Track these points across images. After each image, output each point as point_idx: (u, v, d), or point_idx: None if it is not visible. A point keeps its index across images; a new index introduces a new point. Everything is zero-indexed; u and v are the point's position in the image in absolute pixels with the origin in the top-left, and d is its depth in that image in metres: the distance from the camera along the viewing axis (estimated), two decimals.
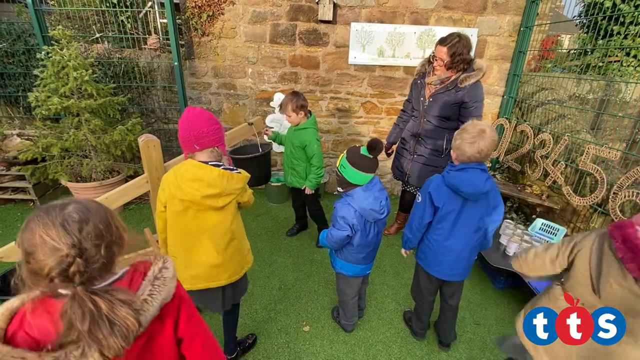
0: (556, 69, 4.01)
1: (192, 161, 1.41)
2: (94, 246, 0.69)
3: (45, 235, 0.65)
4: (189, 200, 1.40)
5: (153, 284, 0.78)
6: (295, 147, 2.54)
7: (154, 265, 0.82)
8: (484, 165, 1.57)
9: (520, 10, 3.19)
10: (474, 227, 1.65)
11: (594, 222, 2.39)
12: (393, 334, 2.08)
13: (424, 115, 2.45)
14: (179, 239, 1.51)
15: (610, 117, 2.85)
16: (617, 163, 2.38)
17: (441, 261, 1.72)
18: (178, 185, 1.39)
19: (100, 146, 2.90)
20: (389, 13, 3.24)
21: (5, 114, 3.70)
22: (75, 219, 0.69)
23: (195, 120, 1.38)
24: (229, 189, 1.42)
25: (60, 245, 0.65)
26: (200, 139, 1.38)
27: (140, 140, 2.04)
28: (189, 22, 3.29)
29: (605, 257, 1.09)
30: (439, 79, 2.31)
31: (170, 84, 3.52)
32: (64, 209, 0.70)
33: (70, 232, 0.67)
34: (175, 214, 1.45)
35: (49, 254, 0.65)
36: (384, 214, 1.70)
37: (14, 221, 3.08)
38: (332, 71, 3.47)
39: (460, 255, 1.69)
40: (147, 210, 3.30)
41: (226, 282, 1.56)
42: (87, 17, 3.76)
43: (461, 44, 2.16)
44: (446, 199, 1.62)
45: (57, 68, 2.68)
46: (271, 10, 3.25)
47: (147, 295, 0.75)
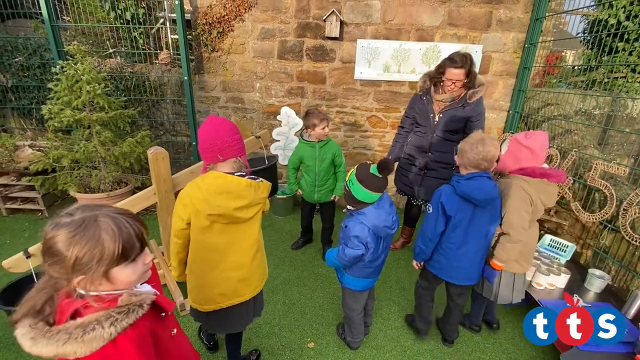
0: (561, 84, 4.03)
1: (215, 173, 1.35)
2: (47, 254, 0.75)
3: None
4: (218, 214, 1.33)
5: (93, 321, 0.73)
6: (327, 163, 2.56)
7: (119, 304, 0.78)
8: (489, 173, 1.69)
9: (524, 27, 3.23)
10: (484, 232, 1.75)
11: (604, 238, 2.35)
12: (400, 352, 2.03)
13: (434, 130, 2.47)
14: (205, 257, 1.43)
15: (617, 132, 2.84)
16: (626, 179, 2.36)
17: (456, 267, 1.81)
18: (205, 200, 1.32)
19: (110, 158, 2.94)
20: (394, 30, 3.31)
21: (18, 125, 3.79)
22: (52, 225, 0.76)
23: (218, 130, 1.32)
24: (257, 198, 1.40)
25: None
26: (224, 149, 1.32)
27: (150, 152, 2.07)
28: (200, 38, 3.39)
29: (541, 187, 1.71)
30: (451, 97, 2.36)
31: (180, 97, 3.59)
32: (63, 218, 0.77)
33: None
34: (200, 230, 1.37)
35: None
36: (394, 228, 1.70)
37: (22, 231, 3.11)
38: (338, 86, 3.52)
39: (473, 261, 1.80)
40: (153, 222, 3.31)
41: (250, 296, 1.52)
42: (101, 33, 3.89)
43: (471, 63, 2.25)
44: (458, 208, 1.70)
45: (71, 82, 2.76)
46: (279, 28, 3.33)
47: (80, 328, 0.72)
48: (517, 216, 1.71)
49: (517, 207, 1.71)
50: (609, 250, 2.30)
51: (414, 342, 2.11)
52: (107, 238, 0.74)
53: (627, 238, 2.11)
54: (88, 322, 0.73)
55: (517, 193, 1.71)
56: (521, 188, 1.71)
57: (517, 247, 1.75)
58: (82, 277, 0.74)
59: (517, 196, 1.71)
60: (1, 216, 3.35)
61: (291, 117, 3.63)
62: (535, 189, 1.71)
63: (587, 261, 2.52)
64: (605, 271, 2.29)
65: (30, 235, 3.04)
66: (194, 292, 1.50)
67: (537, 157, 1.70)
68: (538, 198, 1.73)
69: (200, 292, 1.49)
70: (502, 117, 3.57)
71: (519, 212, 1.71)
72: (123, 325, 0.75)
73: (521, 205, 1.71)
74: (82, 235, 0.73)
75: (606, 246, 2.33)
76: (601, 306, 2.07)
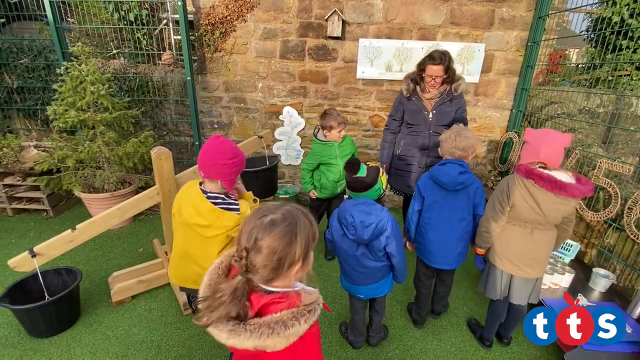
0: (565, 82, 4.01)
1: (197, 186, 1.49)
2: (260, 257, 0.79)
3: (246, 225, 0.81)
4: (185, 220, 1.50)
5: (292, 320, 0.77)
6: (348, 158, 2.53)
7: (303, 303, 0.83)
8: (463, 162, 1.83)
9: (527, 25, 3.22)
10: (458, 217, 1.88)
11: (609, 237, 2.34)
12: (402, 351, 2.03)
13: (430, 127, 2.51)
14: (179, 243, 1.66)
15: (622, 131, 2.81)
16: (631, 177, 2.34)
17: (431, 250, 1.96)
18: (180, 202, 1.51)
19: (114, 158, 2.96)
20: (396, 29, 3.30)
21: (23, 126, 3.83)
22: (265, 225, 0.79)
23: (208, 150, 1.44)
24: (219, 225, 1.47)
25: (243, 241, 0.79)
26: (205, 167, 1.44)
27: (153, 152, 2.09)
28: (202, 38, 3.40)
29: (533, 191, 1.59)
30: (439, 92, 2.45)
31: (183, 97, 3.61)
32: (276, 212, 0.82)
33: (263, 232, 0.78)
34: (179, 224, 1.60)
35: (239, 241, 0.81)
36: (355, 235, 1.55)
37: (27, 231, 3.14)
38: (341, 85, 3.52)
39: (447, 245, 1.92)
40: (157, 222, 3.33)
41: None
42: (105, 35, 3.92)
43: (449, 59, 2.34)
44: (430, 190, 1.91)
45: (75, 83, 2.78)
46: (281, 27, 3.34)
47: (280, 324, 0.76)
48: (489, 204, 1.80)
49: (492, 197, 1.77)
50: (613, 249, 2.29)
51: (417, 341, 2.10)
52: (309, 232, 0.83)
53: (632, 237, 2.09)
54: (287, 319, 0.77)
55: (500, 185, 1.76)
56: (506, 182, 1.72)
57: (488, 237, 1.79)
58: (298, 267, 0.82)
59: (498, 187, 1.76)
60: (7, 216, 3.38)
61: (293, 117, 3.65)
62: (530, 193, 1.61)
63: (592, 260, 2.50)
64: (610, 270, 2.28)
65: (36, 235, 3.07)
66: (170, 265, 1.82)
67: (536, 153, 1.60)
68: (524, 201, 1.63)
69: (171, 268, 1.78)
70: (505, 115, 3.55)
71: (492, 201, 1.77)
72: (310, 322, 0.79)
73: (496, 195, 1.74)
74: (298, 230, 0.80)
75: (611, 245, 2.31)
76: (606, 305, 2.06)
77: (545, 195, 1.57)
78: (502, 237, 1.79)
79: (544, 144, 1.58)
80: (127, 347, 1.96)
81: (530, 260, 1.75)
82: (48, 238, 1.95)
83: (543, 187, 1.55)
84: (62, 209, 3.52)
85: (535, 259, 1.75)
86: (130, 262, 2.68)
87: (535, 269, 1.76)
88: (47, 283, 2.03)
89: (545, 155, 1.59)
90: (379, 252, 1.64)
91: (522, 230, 1.73)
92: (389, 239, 1.60)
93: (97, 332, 2.06)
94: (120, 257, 2.81)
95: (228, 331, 0.75)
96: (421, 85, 2.49)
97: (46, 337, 2.00)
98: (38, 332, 1.99)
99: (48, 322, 1.97)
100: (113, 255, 2.83)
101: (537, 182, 1.57)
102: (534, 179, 1.57)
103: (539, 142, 1.60)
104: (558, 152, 1.59)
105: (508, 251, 1.77)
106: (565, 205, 1.58)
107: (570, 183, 1.53)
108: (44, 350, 1.92)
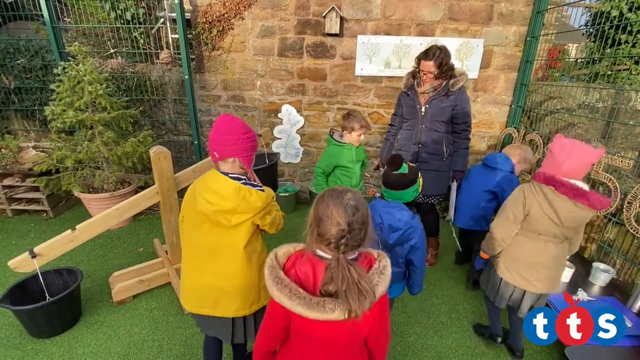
0: (564, 77, 4.00)
1: (213, 171, 1.33)
2: (358, 228, 0.91)
3: (335, 212, 0.89)
4: (203, 213, 1.30)
5: (379, 275, 0.93)
6: (361, 163, 2.48)
7: (379, 261, 0.98)
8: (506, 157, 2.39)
9: (526, 20, 3.21)
10: (475, 191, 2.43)
11: (609, 232, 2.34)
12: (404, 347, 2.03)
13: (422, 122, 2.52)
14: (192, 255, 1.41)
15: (621, 125, 2.81)
16: (630, 172, 2.34)
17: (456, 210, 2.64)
18: (194, 195, 1.32)
19: (112, 158, 2.96)
20: (395, 25, 3.29)
21: (21, 126, 3.82)
22: (352, 205, 0.91)
23: (219, 127, 1.29)
24: (245, 206, 1.27)
25: (341, 222, 0.88)
26: (219, 146, 1.28)
27: (152, 151, 2.08)
28: (200, 37, 3.39)
29: (552, 198, 1.55)
30: (432, 87, 2.46)
31: (181, 96, 3.60)
32: (345, 195, 0.92)
33: (348, 214, 0.89)
34: (192, 227, 1.36)
35: (333, 226, 0.89)
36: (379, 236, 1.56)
37: (27, 232, 3.14)
38: (339, 83, 3.51)
39: (463, 210, 2.54)
40: (157, 221, 3.33)
41: (233, 315, 1.40)
42: (102, 34, 3.90)
43: (444, 54, 2.34)
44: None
45: (72, 82, 2.77)
46: (279, 25, 3.33)
47: (375, 282, 0.92)
48: (501, 212, 1.76)
49: (505, 204, 1.73)
50: (613, 243, 2.29)
51: (418, 337, 2.11)
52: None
53: (631, 231, 2.10)
54: (375, 269, 0.96)
55: (514, 193, 1.72)
56: (522, 190, 1.67)
57: (495, 244, 1.76)
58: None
59: (512, 195, 1.73)
60: (7, 217, 3.38)
61: (292, 115, 3.64)
62: (549, 200, 1.56)
63: (592, 255, 2.51)
64: (610, 265, 2.28)
65: (36, 236, 3.07)
66: (181, 288, 1.50)
67: (557, 168, 1.53)
68: (541, 210, 1.59)
69: (183, 291, 1.47)
70: (505, 111, 3.55)
71: (504, 209, 1.74)
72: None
73: (510, 203, 1.71)
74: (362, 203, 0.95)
75: (611, 239, 2.32)
76: (606, 300, 2.07)
77: (564, 203, 1.52)
78: (514, 249, 1.73)
79: (569, 160, 1.49)
80: (128, 346, 1.97)
81: (542, 274, 1.67)
82: (48, 239, 1.94)
83: (565, 194, 1.49)
84: (62, 210, 3.52)
85: (547, 273, 1.68)
86: (130, 261, 2.69)
87: (547, 284, 1.70)
88: (47, 283, 2.03)
89: (567, 172, 1.51)
90: (400, 259, 1.57)
91: (535, 243, 1.67)
92: (414, 248, 1.53)
93: (99, 332, 2.07)
94: (121, 256, 2.81)
95: (376, 283, 0.91)
96: (417, 79, 2.51)
97: (48, 337, 2.00)
98: (39, 333, 1.99)
99: (49, 323, 1.97)
100: (114, 255, 2.84)
101: (559, 189, 1.51)
102: (555, 186, 1.52)
103: (565, 158, 1.50)
104: (583, 166, 1.51)
105: (518, 265, 1.71)
106: (582, 215, 1.53)
107: (592, 192, 1.48)
108: (46, 351, 1.92)
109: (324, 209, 0.91)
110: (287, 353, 1.04)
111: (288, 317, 0.94)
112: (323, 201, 0.93)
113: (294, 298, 0.88)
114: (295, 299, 0.87)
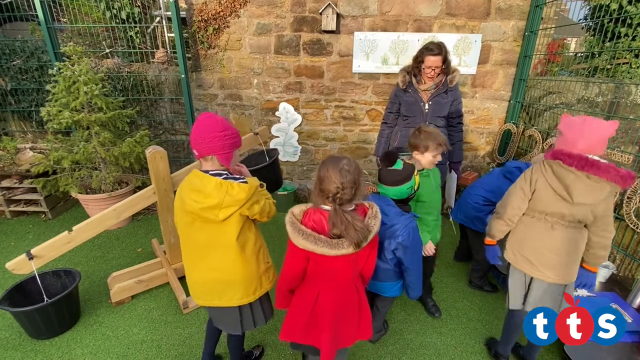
0: (563, 72, 3.97)
1: (195, 171, 1.37)
2: (350, 186, 1.18)
3: (332, 174, 1.18)
4: (191, 212, 1.34)
5: (374, 219, 1.24)
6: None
7: (371, 208, 1.28)
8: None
9: (524, 15, 3.18)
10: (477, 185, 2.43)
11: None
12: (403, 345, 2.03)
13: (426, 118, 2.52)
14: (191, 252, 1.46)
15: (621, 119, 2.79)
16: (630, 166, 2.33)
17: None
18: (181, 196, 1.37)
19: (110, 158, 2.95)
20: (392, 22, 3.26)
21: (18, 128, 3.81)
22: (345, 169, 1.18)
23: (197, 126, 1.33)
24: (229, 200, 1.29)
25: (337, 182, 1.17)
26: (197, 144, 1.32)
27: (148, 152, 2.07)
28: (196, 35, 3.37)
29: (559, 171, 1.47)
30: (434, 83, 2.46)
31: (178, 96, 3.58)
32: (341, 162, 1.20)
33: (342, 176, 1.17)
34: (185, 225, 1.41)
35: (331, 184, 1.18)
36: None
37: (26, 233, 3.14)
38: (337, 80, 3.49)
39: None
40: (155, 221, 3.33)
41: (238, 303, 1.46)
42: (97, 34, 3.88)
43: (446, 51, 2.37)
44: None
45: (68, 83, 2.76)
46: (275, 22, 3.30)
47: (371, 224, 1.23)
48: (509, 190, 1.65)
49: (514, 184, 1.64)
50: (613, 239, 2.28)
51: (417, 335, 2.11)
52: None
53: (631, 226, 2.09)
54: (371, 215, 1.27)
55: (523, 173, 1.62)
56: (530, 169, 1.59)
57: (500, 223, 1.66)
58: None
59: (521, 175, 1.62)
60: (5, 219, 3.38)
61: (290, 113, 3.62)
62: (557, 175, 1.47)
63: None
64: (610, 260, 2.28)
65: (35, 237, 3.06)
66: (188, 284, 1.57)
67: (570, 143, 1.44)
68: (549, 187, 1.49)
69: (191, 286, 1.55)
70: (504, 106, 3.53)
71: (512, 187, 1.64)
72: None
73: (517, 181, 1.62)
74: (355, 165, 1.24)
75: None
76: (606, 295, 2.06)
77: (576, 178, 1.41)
78: (519, 230, 1.64)
79: (582, 138, 1.39)
80: (127, 347, 1.97)
81: (548, 259, 1.55)
82: (47, 240, 1.94)
83: (572, 166, 1.39)
84: (60, 211, 3.51)
85: (558, 259, 1.54)
86: (129, 262, 2.68)
87: (556, 271, 1.55)
88: (46, 285, 2.03)
89: (583, 149, 1.40)
90: (388, 255, 1.58)
91: (541, 224, 1.57)
92: (401, 246, 1.52)
93: (98, 332, 2.06)
94: (119, 257, 2.81)
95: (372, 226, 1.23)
96: (417, 77, 2.49)
97: (47, 338, 2.00)
98: (38, 334, 1.99)
99: (48, 324, 1.97)
100: (112, 255, 2.83)
101: (565, 161, 1.41)
102: (562, 159, 1.42)
103: (577, 136, 1.40)
104: (600, 141, 1.38)
105: (523, 247, 1.61)
106: (598, 191, 1.39)
107: (608, 163, 1.35)
108: (45, 352, 1.92)
109: (325, 172, 1.20)
110: (304, 289, 1.34)
111: (307, 258, 1.24)
112: (325, 166, 1.22)
113: (318, 242, 1.16)
114: (319, 242, 1.16)
